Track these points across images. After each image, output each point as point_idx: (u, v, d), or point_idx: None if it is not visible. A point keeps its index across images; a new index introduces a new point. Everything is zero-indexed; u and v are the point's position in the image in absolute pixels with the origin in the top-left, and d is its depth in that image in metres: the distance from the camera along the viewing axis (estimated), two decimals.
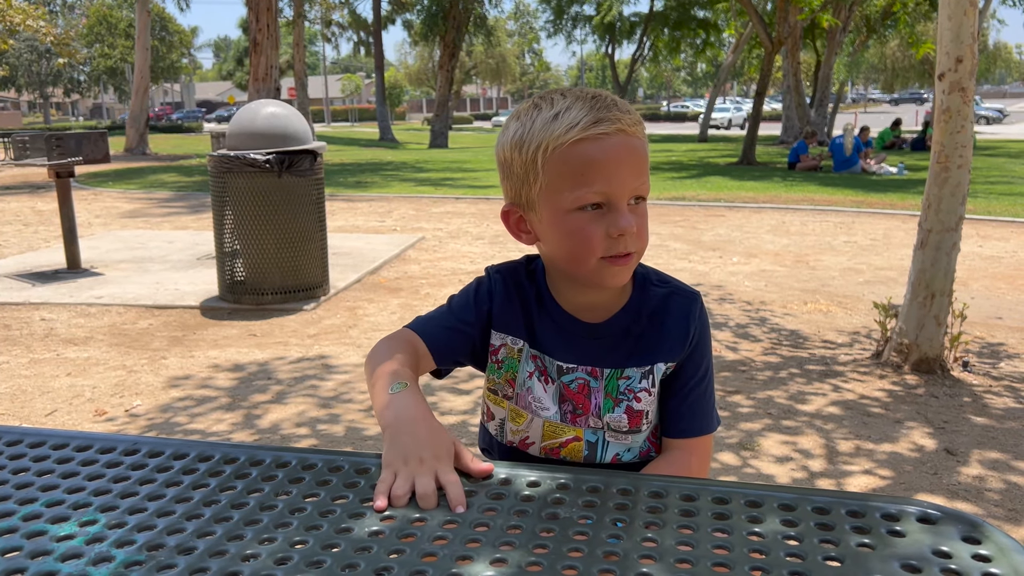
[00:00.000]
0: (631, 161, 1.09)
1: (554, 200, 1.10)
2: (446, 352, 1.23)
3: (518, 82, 69.53)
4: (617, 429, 1.21)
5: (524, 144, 1.11)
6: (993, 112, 43.05)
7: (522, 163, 1.12)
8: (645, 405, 1.21)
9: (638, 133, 1.11)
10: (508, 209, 1.20)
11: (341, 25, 40.06)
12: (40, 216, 9.88)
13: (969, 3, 3.80)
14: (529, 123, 1.11)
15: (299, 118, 5.37)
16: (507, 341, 1.24)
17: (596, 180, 1.07)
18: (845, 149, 14.91)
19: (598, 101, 1.09)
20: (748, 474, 3.00)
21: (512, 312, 1.23)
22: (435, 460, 0.92)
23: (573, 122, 1.07)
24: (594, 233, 1.09)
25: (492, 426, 1.30)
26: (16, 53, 52.49)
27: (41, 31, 21.88)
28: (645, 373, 1.20)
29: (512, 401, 1.25)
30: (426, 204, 11.03)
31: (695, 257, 7.12)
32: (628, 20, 35.99)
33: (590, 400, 1.21)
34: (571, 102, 1.09)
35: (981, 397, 3.78)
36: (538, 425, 1.24)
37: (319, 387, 3.91)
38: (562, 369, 1.21)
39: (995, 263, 6.86)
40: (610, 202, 1.09)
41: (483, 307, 1.24)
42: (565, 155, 1.08)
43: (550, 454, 1.24)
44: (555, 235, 1.13)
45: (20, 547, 0.77)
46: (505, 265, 1.28)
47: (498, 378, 1.26)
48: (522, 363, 1.23)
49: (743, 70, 40.42)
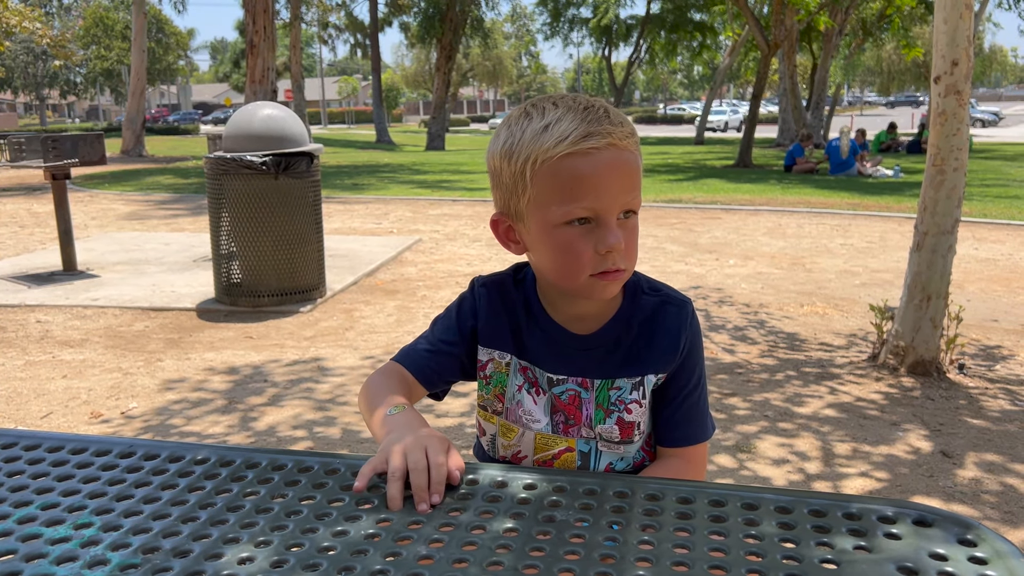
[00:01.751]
0: (621, 176, 1.07)
1: (542, 213, 1.08)
2: (433, 377, 1.23)
3: (515, 84, 69.57)
4: (609, 439, 1.20)
5: (513, 154, 1.09)
6: (989, 115, 43.15)
7: (511, 174, 1.10)
8: (636, 416, 1.20)
9: (630, 146, 1.08)
10: (497, 218, 1.18)
11: (338, 27, 40.09)
12: (36, 218, 9.86)
13: (964, 6, 3.81)
14: (519, 132, 1.09)
15: (296, 120, 5.37)
16: (494, 356, 1.23)
17: (585, 196, 1.05)
18: (841, 152, 14.94)
19: (590, 113, 1.06)
20: (745, 476, 3.00)
21: (499, 326, 1.22)
22: (428, 439, 0.95)
23: (563, 135, 1.04)
24: (583, 249, 1.07)
25: (484, 441, 1.30)
26: (12, 55, 52.44)
27: (37, 33, 21.84)
28: (636, 384, 1.19)
29: (502, 416, 1.24)
30: (423, 206, 11.03)
31: (692, 259, 7.12)
32: (625, 23, 36.08)
33: (581, 411, 1.20)
34: (562, 113, 1.06)
35: (977, 399, 3.78)
36: (529, 438, 1.23)
37: (315, 390, 3.91)
38: (552, 380, 1.20)
39: (991, 266, 6.87)
40: (599, 217, 1.07)
41: (466, 325, 1.23)
42: (554, 169, 1.05)
43: (543, 467, 1.23)
44: (544, 248, 1.12)
45: (15, 550, 0.76)
46: (492, 277, 1.27)
47: (487, 393, 1.25)
48: (511, 377, 1.22)
49: (739, 73, 40.48)
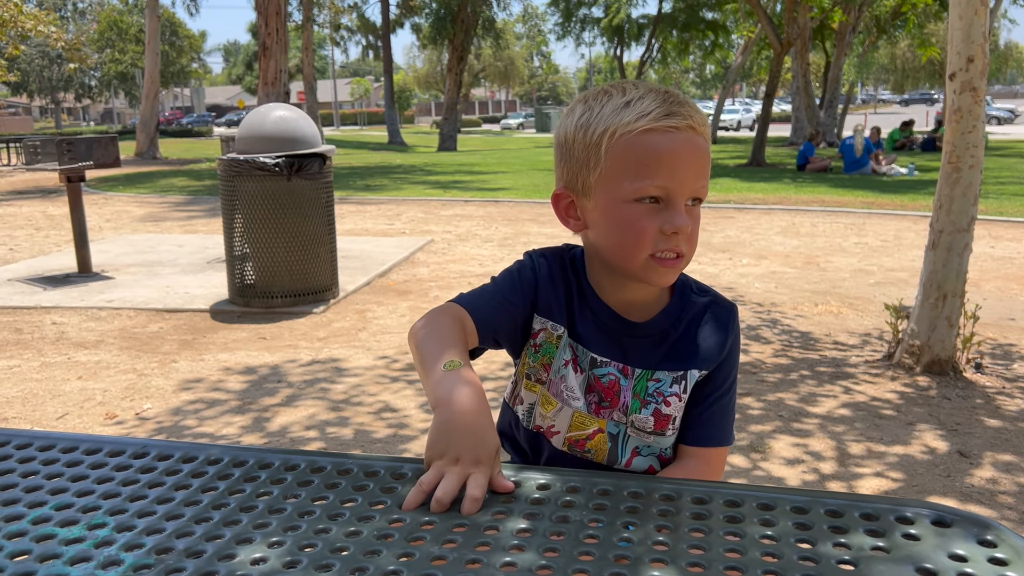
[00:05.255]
0: (696, 160, 1.08)
1: (612, 188, 1.08)
2: (490, 331, 1.18)
3: (526, 85, 69.58)
4: (641, 428, 1.20)
5: (590, 127, 1.09)
6: (1004, 112, 42.86)
7: (584, 146, 1.10)
8: (674, 410, 1.19)
9: (705, 134, 1.09)
10: (560, 192, 1.17)
11: (350, 29, 40.17)
12: (51, 220, 9.93)
13: (980, 2, 3.78)
14: (598, 108, 1.09)
15: (308, 122, 5.38)
16: (547, 326, 1.21)
17: (659, 173, 1.05)
18: (855, 150, 14.86)
19: (671, 96, 1.08)
20: (759, 477, 2.98)
21: (555, 297, 1.21)
22: (473, 464, 0.88)
23: (645, 111, 1.05)
24: (648, 227, 1.07)
25: (520, 410, 1.27)
26: (28, 59, 52.84)
27: (52, 37, 22.00)
28: (678, 378, 1.19)
29: (545, 386, 1.23)
30: (435, 207, 11.04)
31: (705, 259, 7.10)
32: (636, 22, 35.96)
33: (619, 397, 1.20)
34: (644, 92, 1.08)
35: (994, 399, 3.75)
36: (567, 415, 1.22)
37: (329, 390, 3.92)
38: (595, 361, 1.20)
39: (1007, 264, 6.81)
40: (669, 198, 1.07)
41: (528, 289, 1.21)
42: (632, 143, 1.06)
43: (574, 446, 1.22)
44: (607, 224, 1.11)
45: (29, 550, 0.77)
46: (548, 250, 1.25)
47: (533, 362, 1.23)
48: (560, 350, 1.21)
49: (752, 72, 40.32)
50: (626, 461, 1.22)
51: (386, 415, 3.59)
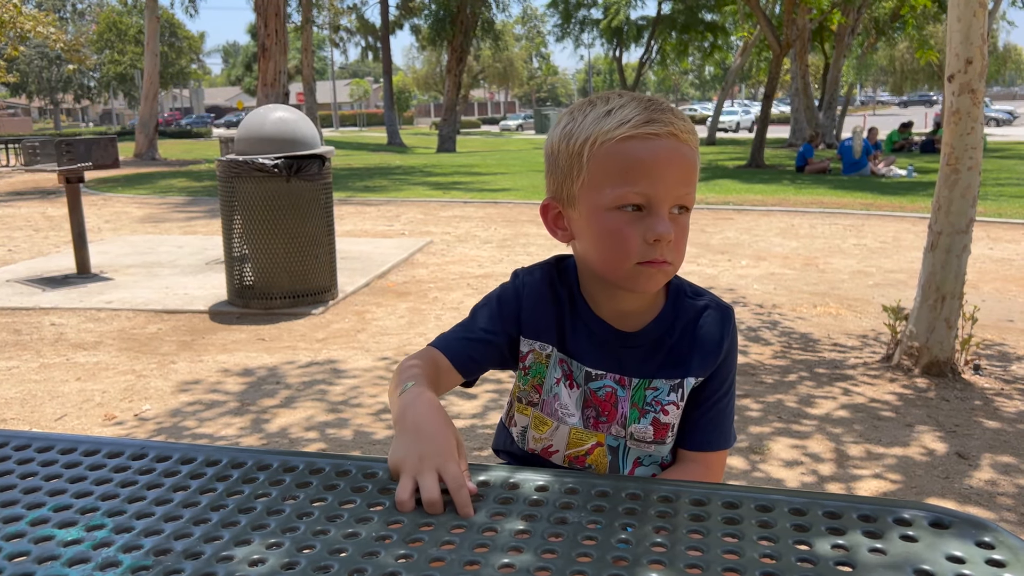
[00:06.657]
0: (678, 166, 1.07)
1: (594, 196, 1.08)
2: (470, 364, 1.19)
3: (526, 86, 69.55)
4: (641, 439, 1.19)
5: (572, 137, 1.10)
6: (1003, 114, 42.87)
7: (568, 155, 1.10)
8: (672, 418, 1.19)
9: (690, 141, 1.08)
10: (547, 203, 1.18)
11: (349, 30, 40.20)
12: (50, 221, 9.93)
13: (979, 4, 3.78)
14: (581, 117, 1.10)
15: (307, 123, 5.38)
16: (535, 347, 1.21)
17: (640, 180, 1.05)
18: (854, 151, 14.87)
19: (654, 104, 1.08)
20: (757, 478, 2.98)
21: (542, 317, 1.20)
22: (438, 456, 0.88)
23: (625, 119, 1.06)
24: (631, 235, 1.06)
25: (515, 432, 1.28)
26: (27, 60, 52.82)
27: (51, 38, 22.00)
28: (675, 386, 1.18)
29: (537, 408, 1.23)
30: (434, 208, 11.05)
31: (704, 260, 7.10)
32: (635, 24, 35.98)
33: (616, 409, 1.19)
34: (626, 101, 1.09)
35: (992, 400, 3.75)
36: (563, 432, 1.21)
37: (328, 391, 3.92)
38: (590, 375, 1.19)
39: (1006, 265, 6.82)
40: (651, 205, 1.06)
41: (510, 316, 1.21)
42: (612, 151, 1.06)
43: (574, 463, 1.22)
44: (591, 233, 1.10)
45: (27, 552, 0.77)
46: (537, 266, 1.25)
47: (524, 384, 1.23)
48: (550, 368, 1.21)
49: (751, 73, 40.33)
50: (628, 472, 1.22)
51: (385, 416, 3.58)
